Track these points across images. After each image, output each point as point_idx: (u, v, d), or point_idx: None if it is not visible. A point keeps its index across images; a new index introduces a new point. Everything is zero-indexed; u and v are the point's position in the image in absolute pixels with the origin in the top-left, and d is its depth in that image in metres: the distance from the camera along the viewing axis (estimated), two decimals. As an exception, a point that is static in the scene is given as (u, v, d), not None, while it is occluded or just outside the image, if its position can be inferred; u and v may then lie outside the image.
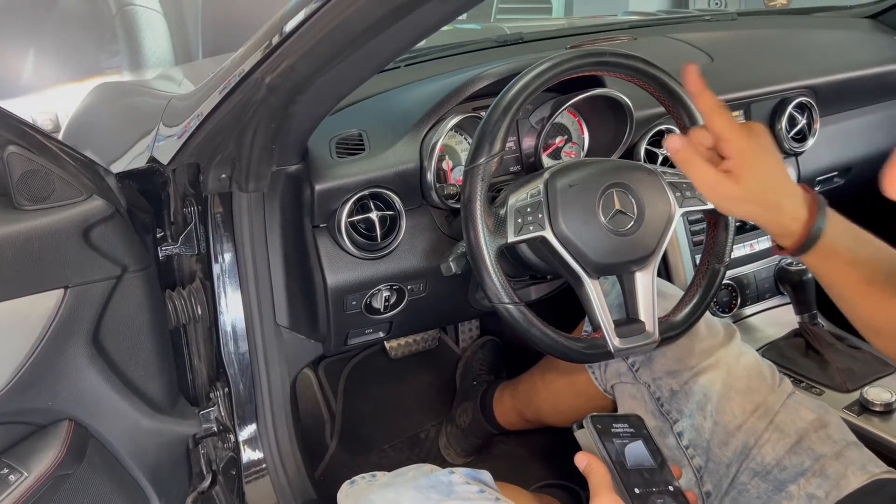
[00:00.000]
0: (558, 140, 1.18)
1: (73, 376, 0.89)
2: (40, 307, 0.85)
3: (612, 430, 0.74)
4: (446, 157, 1.12)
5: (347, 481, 0.86)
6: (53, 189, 0.85)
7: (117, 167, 1.18)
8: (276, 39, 0.79)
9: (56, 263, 0.85)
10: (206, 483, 1.31)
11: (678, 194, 0.93)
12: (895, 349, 0.77)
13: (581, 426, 0.74)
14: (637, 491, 0.69)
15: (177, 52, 2.91)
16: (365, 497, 0.78)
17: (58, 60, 2.71)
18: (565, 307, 1.18)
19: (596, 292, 0.90)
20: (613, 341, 0.90)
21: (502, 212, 0.89)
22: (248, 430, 1.20)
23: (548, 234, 0.88)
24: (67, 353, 0.88)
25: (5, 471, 0.84)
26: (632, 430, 0.75)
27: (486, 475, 0.83)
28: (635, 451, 0.74)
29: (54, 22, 2.73)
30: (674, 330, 0.94)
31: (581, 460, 0.71)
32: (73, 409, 0.91)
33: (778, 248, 0.79)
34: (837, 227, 0.76)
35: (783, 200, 0.76)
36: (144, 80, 2.12)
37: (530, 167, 1.17)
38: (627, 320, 0.92)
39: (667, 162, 1.21)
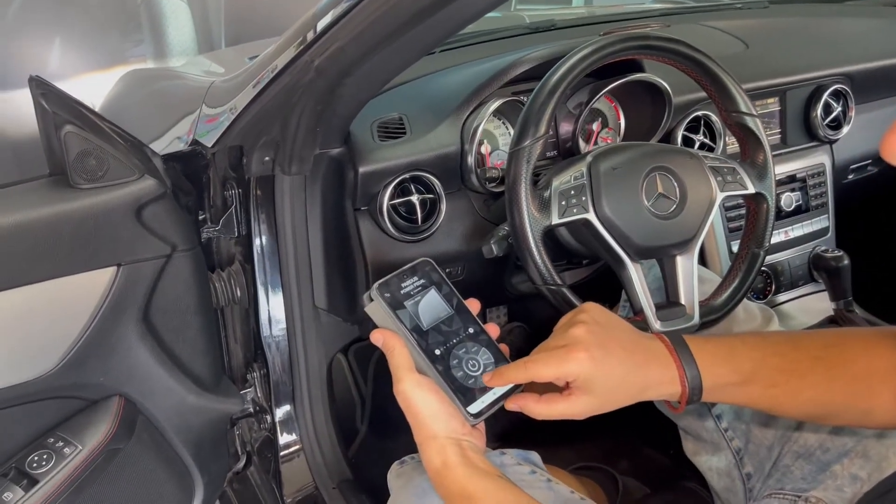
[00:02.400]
0: (595, 125, 1.19)
1: (123, 353, 0.91)
2: (94, 284, 0.86)
3: (403, 290, 0.73)
4: (485, 141, 1.13)
5: (397, 462, 0.87)
6: (108, 168, 0.86)
7: (155, 150, 1.19)
8: (326, 22, 0.80)
9: (110, 241, 0.86)
10: (241, 464, 1.33)
11: (719, 179, 0.93)
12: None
13: (371, 299, 0.72)
14: (437, 353, 0.71)
15: (200, 40, 2.93)
16: (417, 477, 0.79)
17: (83, 49, 2.73)
18: (599, 292, 1.19)
19: (638, 275, 0.91)
20: (654, 324, 0.90)
21: (546, 194, 0.89)
22: (283, 411, 1.21)
23: (591, 216, 0.88)
24: (119, 329, 0.90)
25: (60, 443, 0.86)
26: (422, 281, 0.74)
27: (535, 456, 0.84)
28: (430, 304, 0.73)
29: (79, 11, 2.75)
30: (714, 313, 0.94)
31: (377, 338, 0.72)
32: (123, 384, 0.93)
33: (673, 407, 0.73)
34: (710, 355, 0.71)
35: (643, 377, 0.70)
36: (174, 67, 2.14)
37: (567, 152, 1.17)
38: (668, 304, 0.93)
39: (704, 147, 1.21)
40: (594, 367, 0.67)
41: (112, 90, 1.87)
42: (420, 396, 0.69)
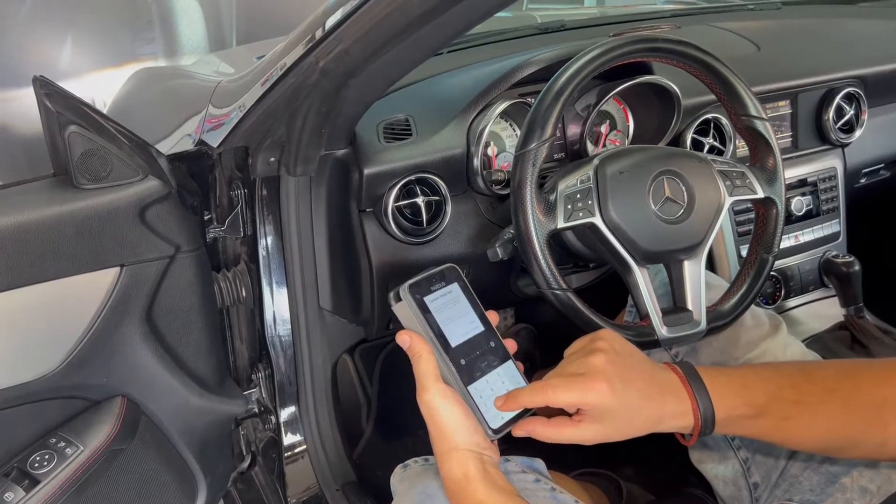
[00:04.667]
0: (603, 127, 1.18)
1: (126, 353, 0.91)
2: (97, 285, 0.86)
3: (431, 293, 0.73)
4: (491, 143, 1.12)
5: (400, 465, 0.86)
6: (111, 168, 0.86)
7: (162, 149, 1.20)
8: (331, 23, 0.79)
9: (113, 242, 0.86)
10: (246, 464, 1.33)
11: (728, 183, 0.92)
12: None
13: (399, 298, 0.72)
14: (463, 363, 0.71)
15: (211, 39, 2.94)
16: (421, 482, 0.79)
17: (94, 47, 2.74)
18: (606, 295, 1.18)
19: (644, 280, 0.89)
20: (661, 330, 0.89)
21: (552, 198, 0.88)
22: (288, 412, 1.21)
23: (597, 220, 0.87)
24: (122, 330, 0.90)
25: (62, 444, 0.86)
26: (449, 288, 0.74)
27: (539, 464, 0.84)
28: (456, 313, 0.73)
29: (91, 8, 2.77)
30: (721, 319, 0.93)
31: (404, 340, 0.71)
32: (126, 385, 0.92)
33: (684, 439, 0.73)
34: (723, 387, 0.70)
35: (659, 409, 0.69)
36: (183, 66, 2.15)
37: (575, 154, 1.16)
38: (675, 309, 0.92)
39: (714, 151, 1.20)
40: (613, 398, 0.67)
41: (122, 88, 1.88)
42: (446, 407, 0.69)
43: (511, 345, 0.76)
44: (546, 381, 0.70)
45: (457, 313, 0.73)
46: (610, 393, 0.67)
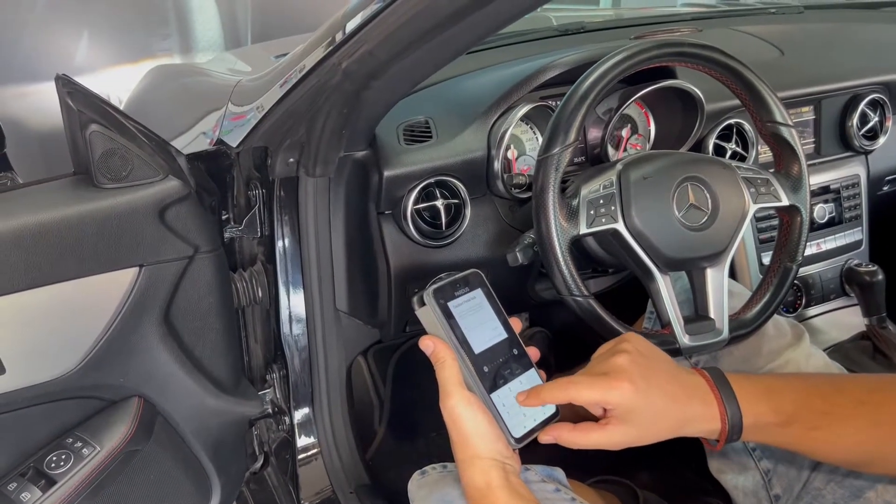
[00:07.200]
0: (625, 131, 1.17)
1: (144, 354, 0.90)
2: (116, 285, 0.86)
3: (455, 299, 0.72)
4: (511, 146, 1.11)
5: (418, 471, 0.85)
6: (132, 168, 0.86)
7: (178, 146, 1.19)
8: (354, 24, 0.79)
9: (132, 242, 0.86)
10: (258, 464, 1.33)
11: (752, 190, 0.91)
12: None
13: (423, 302, 0.72)
14: (486, 370, 0.70)
15: (227, 36, 2.95)
16: (440, 489, 0.78)
17: (110, 43, 2.75)
18: (623, 301, 1.17)
19: (667, 288, 0.88)
20: (683, 338, 0.88)
21: (574, 203, 0.88)
22: (302, 413, 1.21)
23: (620, 227, 0.86)
24: (140, 331, 0.89)
25: (78, 444, 0.86)
26: (473, 294, 0.74)
27: (559, 473, 0.83)
28: (480, 319, 0.73)
29: (107, 4, 2.77)
30: (744, 328, 0.92)
31: (427, 345, 0.71)
32: (142, 386, 0.92)
33: (710, 444, 0.73)
34: (751, 394, 0.69)
35: (684, 411, 0.69)
36: (199, 63, 2.15)
37: (595, 158, 1.15)
38: (696, 317, 0.91)
39: (736, 156, 1.19)
40: (636, 397, 0.66)
41: (138, 85, 1.88)
42: (469, 414, 0.68)
43: (534, 353, 0.75)
44: (569, 378, 0.69)
45: (480, 319, 0.73)
46: (633, 391, 0.66)
